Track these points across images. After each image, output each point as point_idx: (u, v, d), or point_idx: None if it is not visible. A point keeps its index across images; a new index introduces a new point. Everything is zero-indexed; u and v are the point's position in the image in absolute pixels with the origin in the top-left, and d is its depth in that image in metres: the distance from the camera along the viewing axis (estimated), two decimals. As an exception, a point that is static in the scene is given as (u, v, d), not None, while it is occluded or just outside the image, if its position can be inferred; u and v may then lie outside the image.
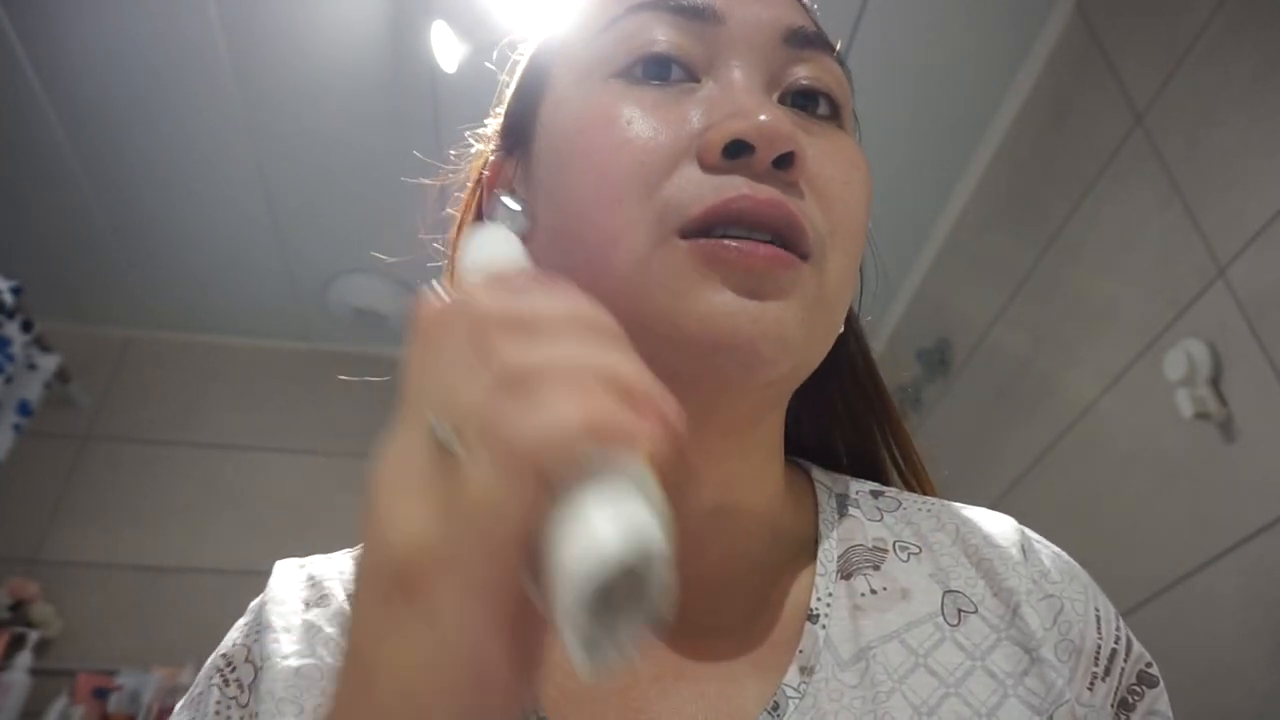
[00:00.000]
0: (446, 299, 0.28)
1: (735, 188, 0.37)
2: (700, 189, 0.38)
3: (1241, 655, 1.26)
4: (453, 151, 0.55)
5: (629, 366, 0.25)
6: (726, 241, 0.37)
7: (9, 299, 1.99)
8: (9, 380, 2.00)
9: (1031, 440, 1.83)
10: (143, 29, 1.86)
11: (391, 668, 0.24)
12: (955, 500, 0.50)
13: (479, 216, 0.51)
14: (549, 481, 0.23)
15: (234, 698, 0.41)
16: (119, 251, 2.44)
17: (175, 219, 2.33)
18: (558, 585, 0.22)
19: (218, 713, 0.41)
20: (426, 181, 0.56)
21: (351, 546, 0.48)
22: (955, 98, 2.02)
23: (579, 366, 0.24)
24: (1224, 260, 1.36)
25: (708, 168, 0.38)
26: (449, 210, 0.54)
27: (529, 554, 0.24)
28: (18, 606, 2.18)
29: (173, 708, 0.46)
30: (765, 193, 0.37)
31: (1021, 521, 0.49)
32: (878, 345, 2.55)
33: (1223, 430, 1.33)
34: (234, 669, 0.42)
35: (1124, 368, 1.57)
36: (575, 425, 0.23)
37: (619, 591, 0.22)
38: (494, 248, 0.38)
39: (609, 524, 0.22)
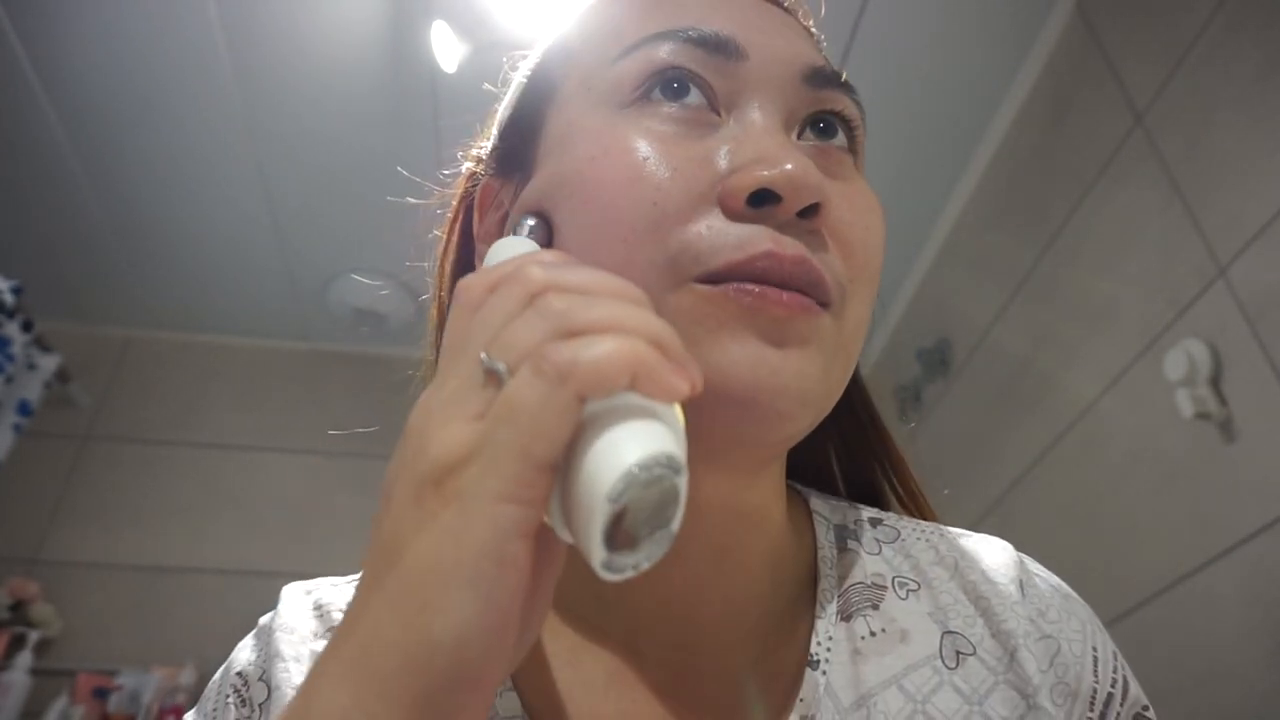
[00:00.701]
0: (494, 273, 0.30)
1: (759, 243, 0.36)
2: (722, 240, 0.36)
3: (1241, 655, 1.26)
4: (444, 172, 0.54)
5: (668, 331, 0.27)
6: (748, 285, 0.36)
7: (9, 299, 1.99)
8: (9, 380, 2.00)
9: (1031, 440, 1.83)
10: (143, 29, 1.86)
11: (417, 552, 0.25)
12: (955, 501, 0.50)
13: (468, 236, 0.50)
14: (584, 408, 0.25)
15: (248, 717, 0.42)
16: (119, 251, 2.44)
17: (175, 219, 2.33)
18: (582, 489, 0.25)
19: None
20: (414, 201, 0.55)
21: (351, 544, 0.48)
22: (955, 98, 2.02)
23: (628, 322, 0.26)
24: (1224, 260, 1.36)
25: (731, 215, 0.37)
26: (435, 232, 0.52)
27: (554, 476, 0.26)
28: (18, 606, 2.18)
29: (173, 708, 0.46)
30: (790, 248, 0.36)
31: (1022, 522, 0.49)
32: (878, 345, 2.57)
33: (1223, 430, 1.33)
34: (249, 687, 0.42)
35: (1124, 368, 1.57)
36: (619, 362, 0.25)
37: (639, 504, 0.24)
38: (524, 248, 0.38)
39: (635, 439, 0.25)
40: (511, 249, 0.38)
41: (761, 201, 0.36)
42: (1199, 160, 1.45)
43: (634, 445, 0.25)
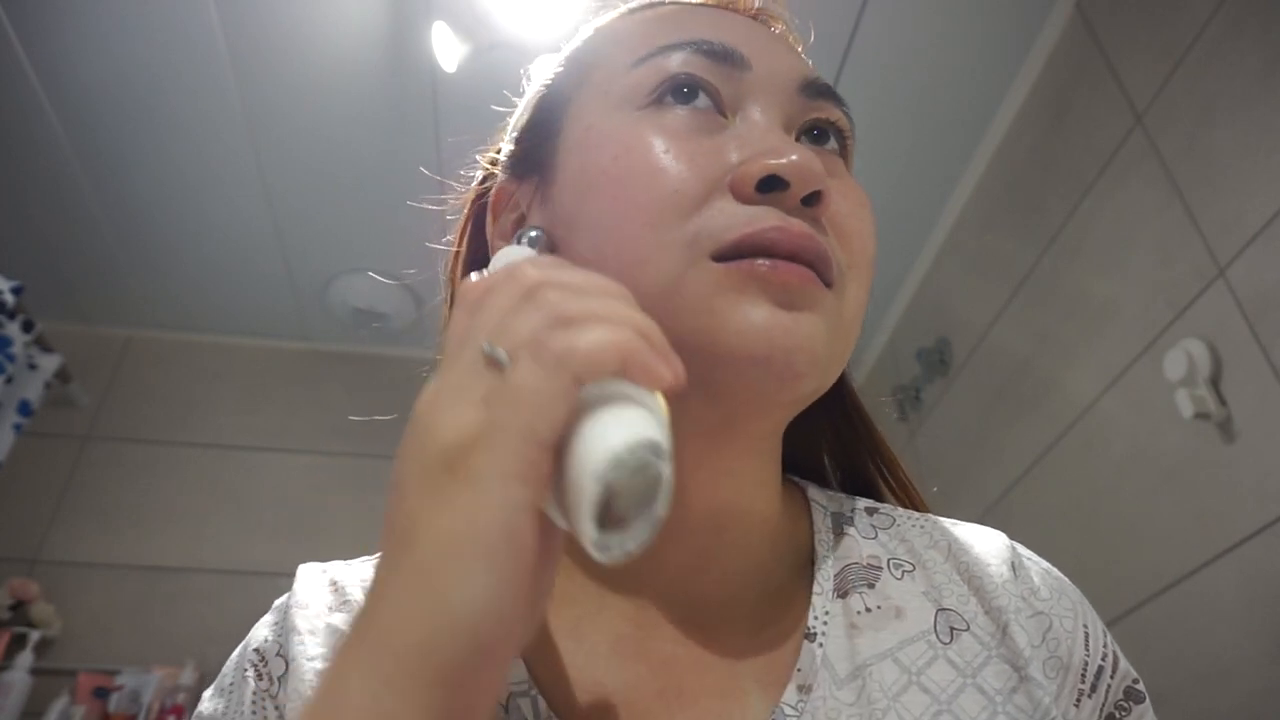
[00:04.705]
0: (492, 276, 0.32)
1: (767, 219, 0.39)
2: (734, 218, 0.39)
3: (1241, 655, 1.26)
4: (453, 176, 0.56)
5: (653, 325, 0.30)
6: (761, 261, 0.39)
7: (9, 299, 1.99)
8: (9, 380, 2.00)
9: (1031, 440, 1.83)
10: (143, 29, 1.86)
11: (432, 532, 0.27)
12: (955, 501, 0.52)
13: (479, 239, 0.52)
14: (579, 393, 0.27)
15: (267, 689, 0.43)
16: (119, 251, 2.44)
17: (175, 219, 2.33)
18: (574, 471, 0.27)
19: (254, 702, 0.43)
20: (430, 207, 0.57)
21: (351, 545, 0.49)
22: (955, 98, 2.02)
23: (616, 314, 0.29)
24: (1224, 260, 1.36)
25: (741, 199, 0.40)
26: (447, 236, 0.55)
27: (552, 466, 0.27)
28: (18, 606, 2.19)
29: (174, 708, 0.47)
30: (797, 225, 0.39)
31: (1022, 522, 0.50)
32: (878, 345, 2.57)
33: (1223, 430, 1.33)
34: (266, 663, 0.44)
35: (1124, 368, 1.57)
36: (611, 348, 0.28)
37: (627, 489, 0.26)
38: (525, 255, 0.41)
39: (622, 425, 0.27)
40: (514, 256, 0.41)
41: (770, 188, 0.40)
42: (1198, 160, 1.45)
43: (622, 431, 0.26)
